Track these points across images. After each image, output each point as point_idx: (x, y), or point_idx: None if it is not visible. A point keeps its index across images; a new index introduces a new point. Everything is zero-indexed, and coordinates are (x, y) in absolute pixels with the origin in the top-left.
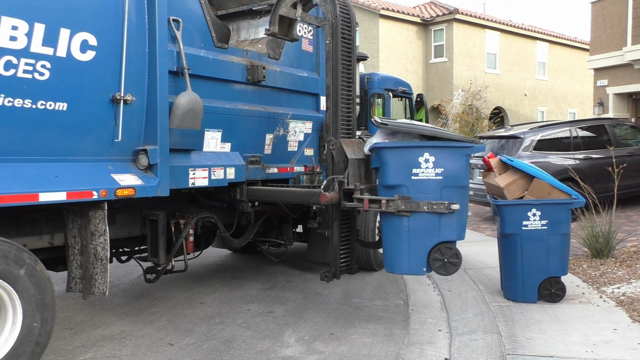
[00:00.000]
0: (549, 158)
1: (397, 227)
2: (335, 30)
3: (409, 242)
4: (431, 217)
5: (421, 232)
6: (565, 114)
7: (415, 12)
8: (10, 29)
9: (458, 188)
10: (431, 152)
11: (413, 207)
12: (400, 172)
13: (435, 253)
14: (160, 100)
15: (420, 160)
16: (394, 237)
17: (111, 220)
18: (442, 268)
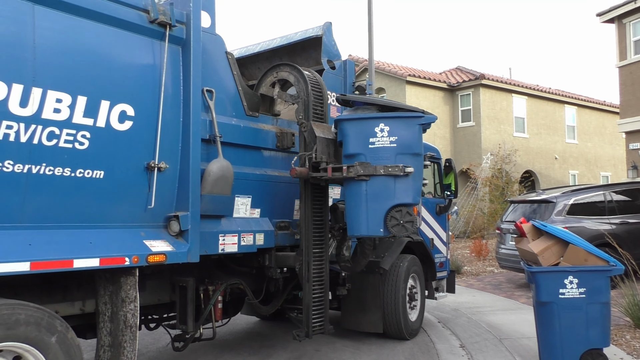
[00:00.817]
0: (584, 223)
1: (356, 192)
2: (307, 106)
3: (367, 205)
4: (387, 181)
5: (378, 196)
6: (597, 177)
7: (442, 78)
8: (54, 101)
9: (412, 155)
10: (386, 122)
11: (371, 171)
12: (359, 141)
13: (391, 215)
14: (193, 167)
15: (377, 130)
16: (354, 202)
17: (141, 286)
18: (397, 228)
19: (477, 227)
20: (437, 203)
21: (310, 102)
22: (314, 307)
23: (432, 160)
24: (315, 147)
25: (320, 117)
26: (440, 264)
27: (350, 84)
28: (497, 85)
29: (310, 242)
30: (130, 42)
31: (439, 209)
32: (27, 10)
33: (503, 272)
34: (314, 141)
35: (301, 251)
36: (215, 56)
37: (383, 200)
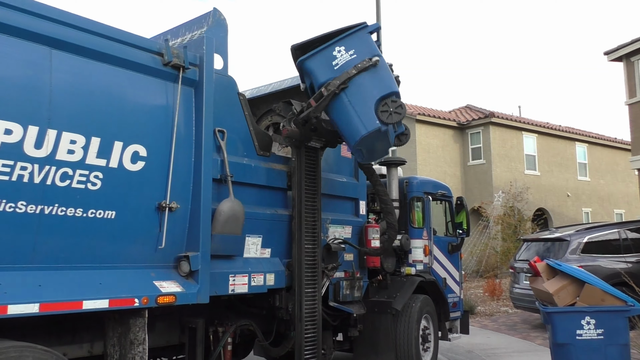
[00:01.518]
0: (599, 261)
1: (342, 107)
2: (299, 149)
3: (355, 110)
4: (362, 80)
5: (361, 96)
6: (611, 215)
7: (451, 117)
8: (69, 142)
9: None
10: (340, 43)
11: (344, 76)
12: (325, 69)
13: (381, 109)
14: (204, 207)
15: (335, 54)
16: (344, 115)
17: (150, 328)
18: (390, 117)
19: (490, 266)
20: (449, 242)
21: (302, 146)
22: (306, 347)
23: (444, 199)
24: (293, 106)
25: (313, 158)
26: (454, 304)
27: None
28: (506, 123)
29: (303, 282)
30: (144, 84)
31: (451, 247)
32: (45, 55)
33: (518, 312)
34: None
35: (294, 291)
36: (227, 97)
37: (367, 99)
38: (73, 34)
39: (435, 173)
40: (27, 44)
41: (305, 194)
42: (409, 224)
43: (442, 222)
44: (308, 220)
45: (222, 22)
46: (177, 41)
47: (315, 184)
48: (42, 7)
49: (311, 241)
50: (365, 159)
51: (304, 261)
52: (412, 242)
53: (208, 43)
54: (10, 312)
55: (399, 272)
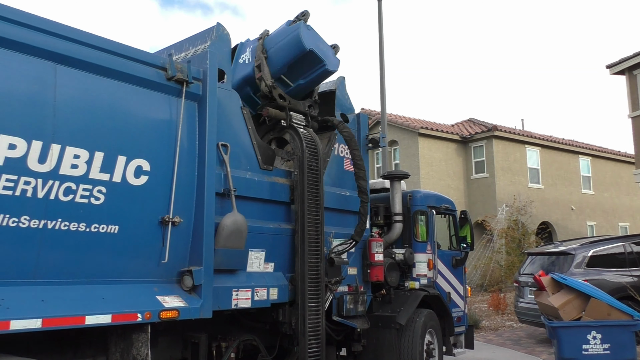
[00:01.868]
0: (604, 275)
1: (276, 53)
2: (302, 163)
3: None
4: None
5: None
6: (616, 228)
7: (454, 130)
8: (72, 157)
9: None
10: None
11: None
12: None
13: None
14: (207, 221)
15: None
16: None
17: (153, 343)
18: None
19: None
20: (454, 256)
21: (305, 159)
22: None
23: (447, 212)
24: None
25: (315, 172)
26: (458, 318)
27: (364, 137)
28: (509, 137)
29: (306, 296)
30: (148, 98)
31: (455, 261)
32: (49, 70)
33: (523, 326)
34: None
35: (297, 305)
36: (231, 111)
37: (281, 30)
38: (77, 49)
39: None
40: (31, 59)
41: (308, 208)
42: (412, 238)
43: (446, 236)
44: (311, 234)
45: (225, 37)
46: (181, 56)
47: (318, 198)
48: (47, 23)
49: (314, 255)
50: (328, 63)
51: (307, 275)
52: (416, 256)
53: (211, 57)
54: (13, 328)
55: (402, 287)
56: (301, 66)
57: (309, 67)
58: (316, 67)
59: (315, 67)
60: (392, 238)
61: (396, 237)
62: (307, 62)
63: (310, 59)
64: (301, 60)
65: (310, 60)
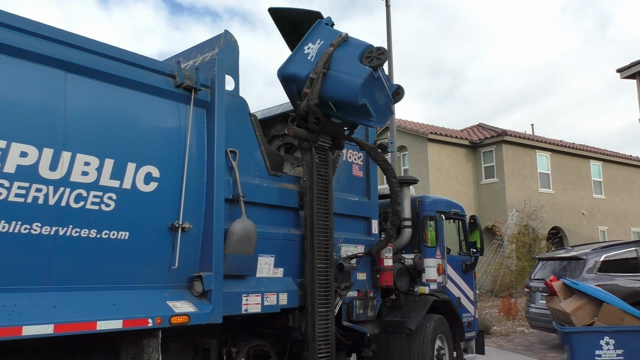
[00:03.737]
0: (617, 280)
1: (332, 80)
2: (311, 169)
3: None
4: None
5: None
6: (628, 233)
7: (463, 135)
8: (83, 164)
9: None
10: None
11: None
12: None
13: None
14: (216, 227)
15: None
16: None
17: (164, 348)
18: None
19: (505, 285)
20: (463, 261)
21: (314, 165)
22: None
23: (457, 217)
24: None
25: (324, 178)
26: (468, 323)
27: (372, 142)
28: (519, 142)
29: (316, 302)
30: (157, 106)
31: (465, 266)
32: (60, 78)
33: (534, 332)
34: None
35: (307, 311)
36: (239, 118)
37: (351, 60)
38: (87, 58)
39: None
40: (42, 68)
41: (317, 213)
42: (422, 243)
43: (455, 241)
44: (320, 239)
45: (233, 44)
46: (189, 63)
47: (327, 203)
48: (57, 32)
49: (323, 260)
50: (375, 120)
51: (316, 281)
52: (425, 261)
53: (219, 65)
54: (25, 333)
55: (412, 292)
56: (350, 108)
57: (357, 113)
58: (363, 117)
59: (362, 116)
60: (401, 243)
61: (405, 242)
62: (357, 109)
63: (360, 109)
64: (351, 104)
65: (359, 109)
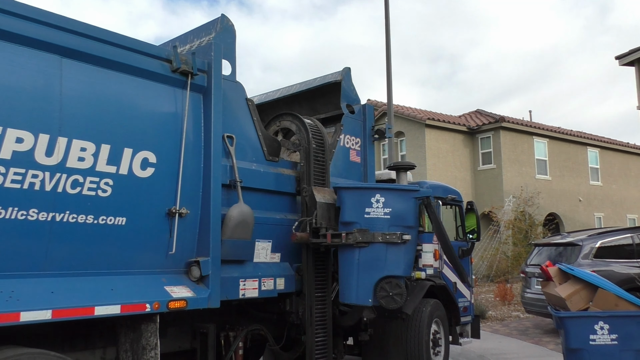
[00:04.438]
0: (612, 266)
1: (349, 260)
2: (308, 154)
3: (358, 274)
4: (381, 250)
5: (370, 265)
6: (624, 220)
7: (461, 121)
8: (79, 150)
9: (404, 227)
10: (382, 193)
11: (369, 238)
12: (355, 210)
13: (381, 286)
14: (214, 212)
15: (372, 201)
16: (346, 269)
17: (162, 333)
18: (385, 299)
19: (501, 271)
20: (460, 246)
21: (311, 150)
22: (317, 351)
23: (454, 203)
24: (315, 212)
25: (322, 163)
26: (464, 308)
27: (370, 128)
28: (517, 128)
29: (313, 286)
30: (153, 91)
31: (461, 252)
32: (55, 64)
33: (529, 317)
34: (314, 206)
35: (304, 295)
36: (236, 103)
37: (374, 271)
38: (83, 43)
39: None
40: (37, 53)
41: None
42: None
43: (452, 227)
44: None
45: (230, 29)
46: (186, 48)
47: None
48: (52, 16)
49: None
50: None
51: (313, 265)
52: (422, 247)
53: (216, 49)
54: (23, 319)
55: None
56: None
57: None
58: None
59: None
60: None
61: None
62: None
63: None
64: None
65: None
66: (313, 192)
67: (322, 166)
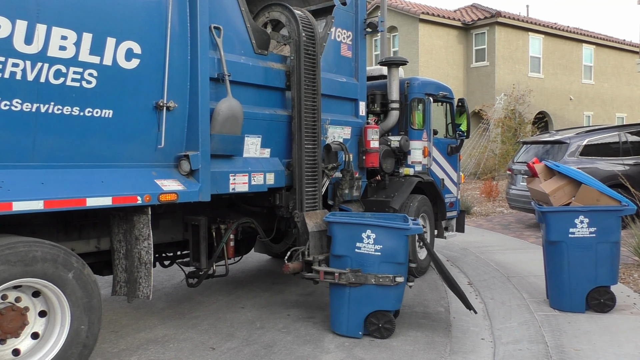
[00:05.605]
0: (597, 164)
1: (340, 294)
2: (298, 47)
3: (349, 308)
4: (373, 289)
5: (360, 301)
6: (613, 118)
7: (456, 16)
8: (59, 38)
9: (396, 264)
10: (372, 229)
11: (362, 280)
12: (346, 244)
13: (371, 319)
14: (202, 106)
15: (363, 236)
16: (337, 302)
17: (154, 225)
18: (377, 332)
19: (488, 169)
20: (449, 143)
21: (301, 43)
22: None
23: (445, 100)
24: (308, 244)
25: (312, 57)
26: (451, 204)
27: (362, 21)
28: (513, 24)
29: (303, 182)
30: None
31: (450, 149)
32: None
33: (513, 212)
34: (306, 233)
35: (294, 190)
36: None
37: (364, 307)
38: None
39: (437, 75)
40: None
41: (305, 94)
42: (408, 126)
43: (442, 124)
44: (308, 120)
45: None
46: None
47: (315, 84)
48: None
49: (311, 141)
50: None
51: (304, 161)
52: (411, 144)
53: None
54: (16, 209)
55: (397, 173)
56: None
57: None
58: None
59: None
60: (388, 125)
61: (392, 124)
62: None
63: None
64: None
65: None
66: (305, 219)
67: (313, 60)
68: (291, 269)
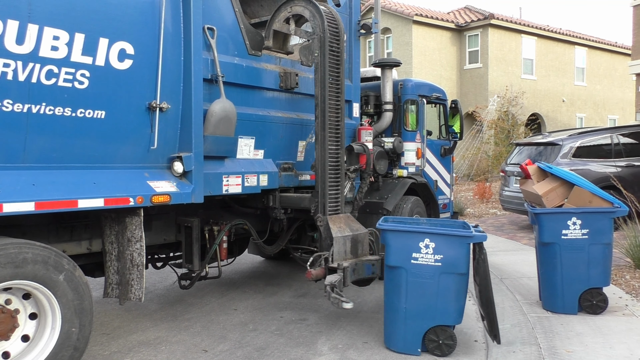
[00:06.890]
0: (589, 165)
1: (395, 308)
2: (323, 43)
3: (405, 323)
4: (431, 302)
5: (418, 316)
6: (605, 120)
7: (450, 18)
8: (51, 39)
9: (457, 275)
10: (431, 238)
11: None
12: (401, 254)
13: (430, 336)
14: (195, 107)
15: (421, 245)
16: (391, 317)
17: (147, 226)
18: (438, 350)
19: (481, 170)
20: (442, 145)
21: (326, 39)
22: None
23: (438, 102)
24: (332, 249)
25: (336, 54)
26: (444, 205)
27: (356, 22)
28: (506, 26)
29: (327, 184)
30: None
31: (443, 150)
32: None
33: (506, 214)
34: (329, 238)
35: (316, 193)
36: None
37: (423, 320)
38: None
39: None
40: None
41: (329, 93)
42: (402, 127)
43: (435, 126)
44: (332, 120)
45: None
46: None
47: (339, 82)
48: None
49: (334, 142)
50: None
51: (327, 163)
52: (404, 145)
53: None
54: (6, 210)
55: (391, 174)
56: None
57: None
58: None
59: None
60: (381, 127)
61: (386, 125)
62: None
63: None
64: None
65: None
66: (329, 223)
67: (337, 58)
68: (314, 275)
